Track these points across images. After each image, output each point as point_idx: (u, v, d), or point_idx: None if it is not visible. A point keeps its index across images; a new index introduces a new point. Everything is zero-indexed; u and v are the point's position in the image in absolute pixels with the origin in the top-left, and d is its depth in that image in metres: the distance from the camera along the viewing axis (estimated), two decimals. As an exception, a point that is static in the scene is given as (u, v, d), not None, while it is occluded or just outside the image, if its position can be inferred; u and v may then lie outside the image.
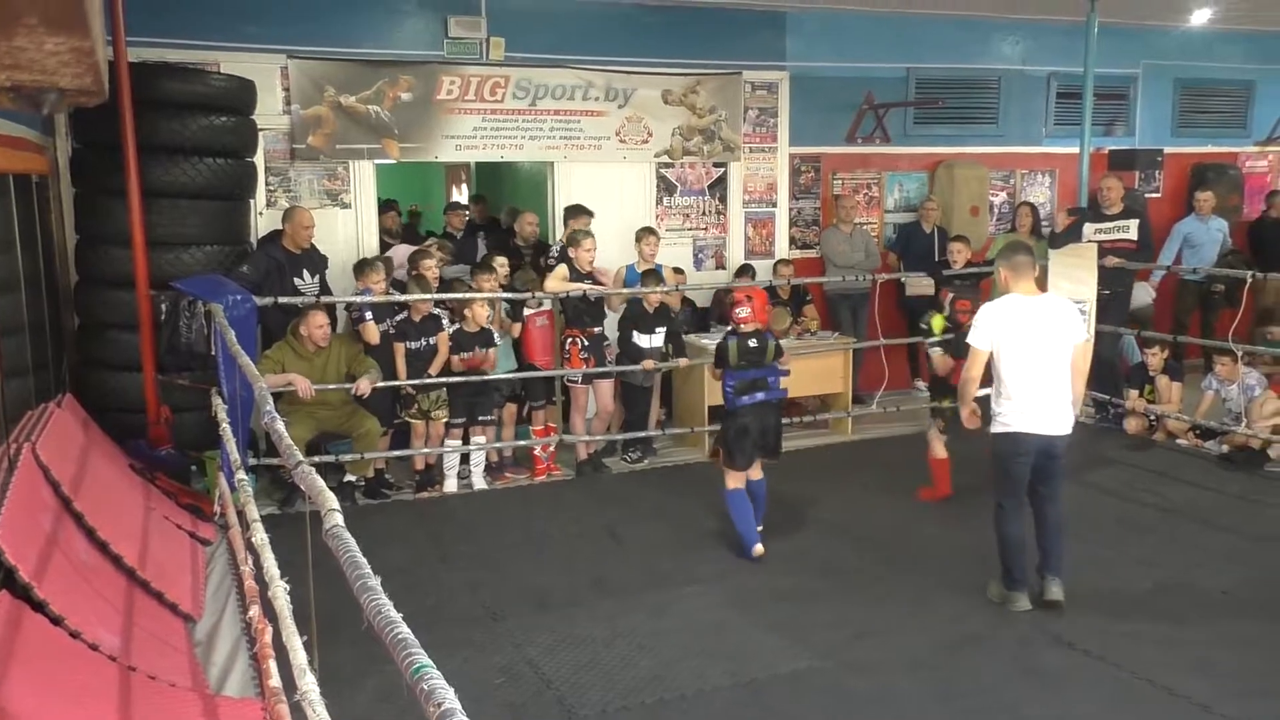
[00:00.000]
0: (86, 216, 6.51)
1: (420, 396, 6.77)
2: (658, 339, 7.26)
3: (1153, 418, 7.87)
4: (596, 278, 7.21)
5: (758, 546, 5.48)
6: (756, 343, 5.52)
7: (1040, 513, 4.91)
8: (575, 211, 7.65)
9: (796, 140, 9.12)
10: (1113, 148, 10.03)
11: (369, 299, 6.58)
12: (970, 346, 4.85)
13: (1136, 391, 7.93)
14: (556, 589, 5.18)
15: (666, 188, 8.77)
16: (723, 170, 8.94)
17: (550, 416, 7.27)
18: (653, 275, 7.32)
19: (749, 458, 5.48)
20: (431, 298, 6.77)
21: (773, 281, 8.37)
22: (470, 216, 9.24)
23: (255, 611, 3.57)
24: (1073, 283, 6.88)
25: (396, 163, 8.12)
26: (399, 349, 6.71)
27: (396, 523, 6.26)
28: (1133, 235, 7.73)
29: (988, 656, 4.40)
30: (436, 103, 7.82)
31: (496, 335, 6.93)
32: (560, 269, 7.07)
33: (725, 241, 9.05)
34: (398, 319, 6.78)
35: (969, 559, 5.37)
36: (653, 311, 7.23)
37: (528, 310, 7.17)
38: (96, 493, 4.59)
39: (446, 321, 6.87)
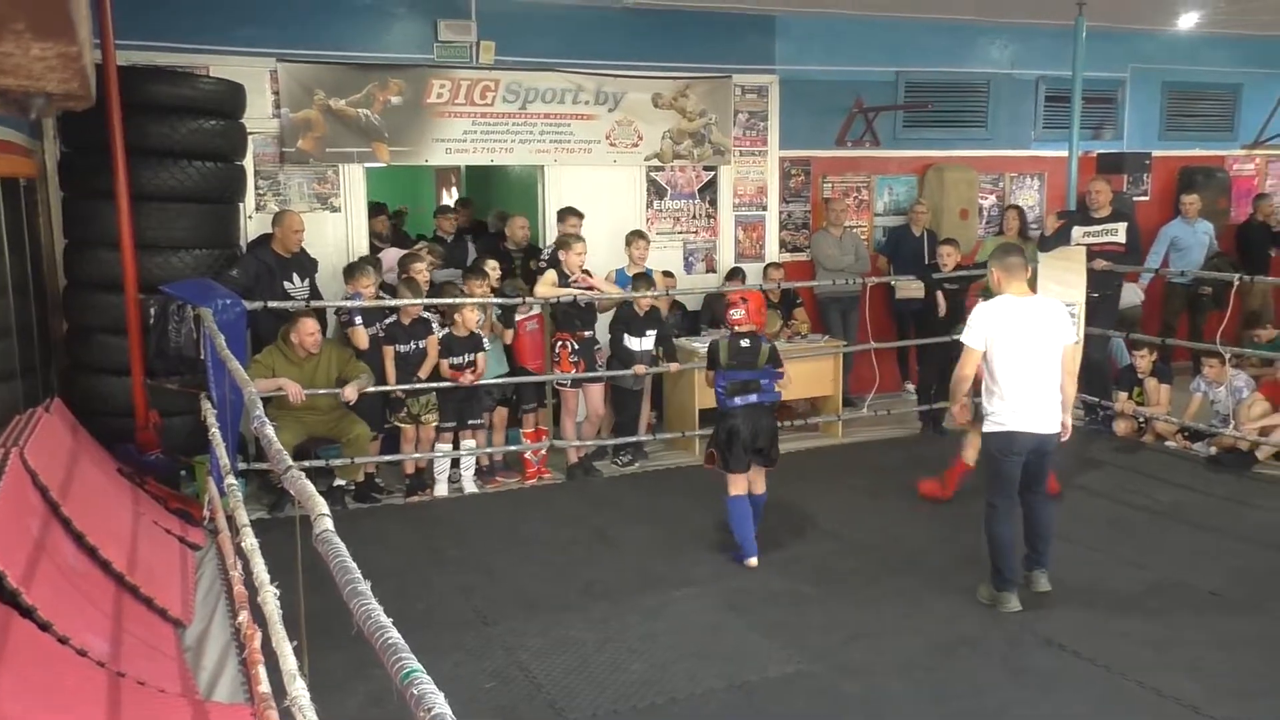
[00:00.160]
0: (75, 220, 6.48)
1: (410, 400, 6.75)
2: (648, 342, 7.28)
3: (1141, 420, 7.91)
4: (591, 283, 7.18)
5: (752, 559, 5.45)
6: (749, 344, 5.51)
7: (1031, 512, 4.98)
8: (565, 214, 7.66)
9: (786, 144, 9.14)
10: (1101, 151, 10.10)
11: (358, 304, 6.56)
12: (964, 345, 4.90)
13: (1125, 394, 7.98)
14: (547, 592, 5.18)
15: (657, 191, 8.78)
16: (713, 174, 8.95)
17: (541, 420, 7.26)
18: (643, 279, 7.33)
19: (741, 460, 5.47)
20: (421, 302, 6.76)
21: (763, 285, 8.36)
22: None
23: (245, 617, 3.55)
24: (1062, 286, 6.90)
25: (386, 166, 8.11)
26: (388, 352, 6.69)
27: (387, 527, 6.25)
28: (1121, 238, 7.77)
29: (979, 658, 4.42)
30: (426, 106, 7.81)
31: (486, 340, 6.92)
32: (550, 274, 7.07)
33: (715, 245, 9.07)
34: (387, 322, 6.76)
35: (960, 561, 5.40)
36: (643, 315, 7.25)
37: (518, 315, 7.16)
38: (85, 497, 4.57)
39: (436, 325, 6.86)
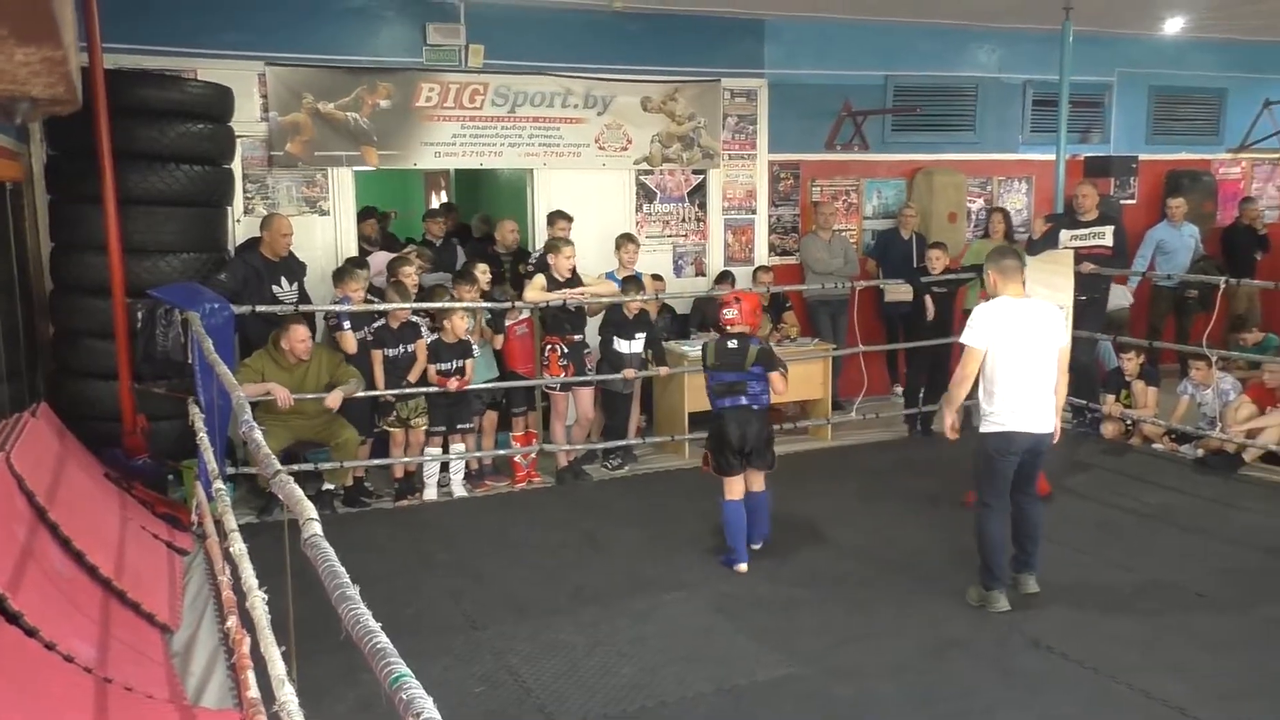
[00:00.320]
0: (62, 224, 6.45)
1: (399, 404, 6.73)
2: (637, 345, 7.27)
3: (1129, 422, 7.94)
4: (583, 290, 7.14)
5: (741, 565, 5.44)
6: (736, 345, 5.49)
7: (1021, 513, 4.99)
8: (555, 217, 7.66)
9: (775, 147, 9.16)
10: (1088, 155, 10.14)
11: (347, 308, 6.55)
12: (966, 346, 4.91)
13: (1113, 396, 8.01)
14: (537, 596, 5.17)
15: (646, 195, 8.79)
16: (702, 177, 8.96)
17: (531, 423, 7.25)
18: (633, 282, 7.33)
19: (731, 464, 5.47)
20: (409, 306, 6.74)
21: (752, 288, 8.38)
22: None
23: (233, 622, 3.54)
24: (1050, 289, 6.92)
25: (375, 170, 8.09)
26: (376, 356, 6.67)
27: (376, 531, 6.23)
28: (1108, 241, 7.80)
29: (969, 660, 4.43)
30: (415, 110, 7.80)
31: (475, 346, 6.91)
32: (538, 279, 7.06)
33: (705, 248, 9.08)
34: (375, 326, 6.75)
35: (949, 563, 5.42)
36: (632, 318, 7.25)
37: (508, 320, 7.15)
38: (72, 502, 4.54)
39: (425, 330, 6.85)
